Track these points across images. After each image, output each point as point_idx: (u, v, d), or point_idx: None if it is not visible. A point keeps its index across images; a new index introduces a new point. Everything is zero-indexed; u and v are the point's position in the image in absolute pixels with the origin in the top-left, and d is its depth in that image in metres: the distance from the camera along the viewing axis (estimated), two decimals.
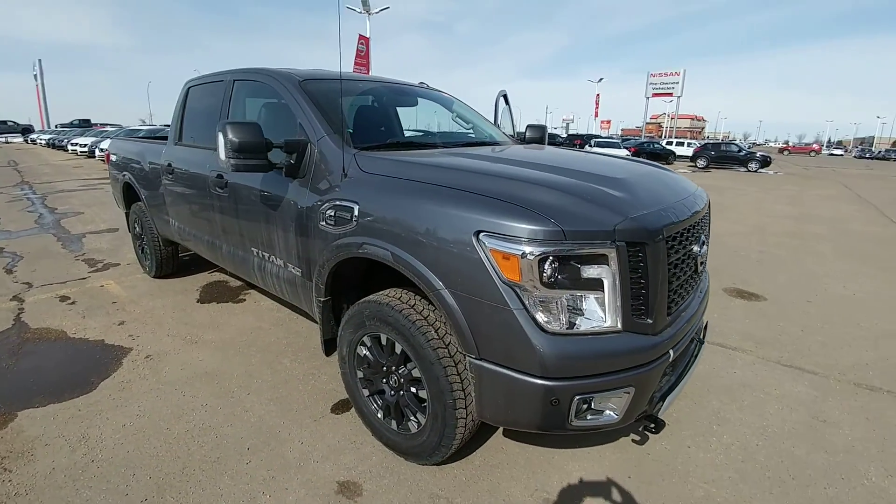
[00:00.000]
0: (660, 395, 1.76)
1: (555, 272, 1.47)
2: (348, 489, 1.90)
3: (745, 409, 2.50)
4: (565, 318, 1.51)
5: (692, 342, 2.06)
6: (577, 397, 1.52)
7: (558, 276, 1.48)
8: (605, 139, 28.91)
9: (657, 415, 1.77)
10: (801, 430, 2.34)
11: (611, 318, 1.55)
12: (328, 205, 2.00)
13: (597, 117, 48.54)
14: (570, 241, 1.46)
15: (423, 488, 1.90)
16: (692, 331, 1.98)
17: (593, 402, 1.59)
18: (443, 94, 3.32)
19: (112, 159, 4.54)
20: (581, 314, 1.53)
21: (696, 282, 2.06)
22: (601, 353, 1.53)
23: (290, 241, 2.29)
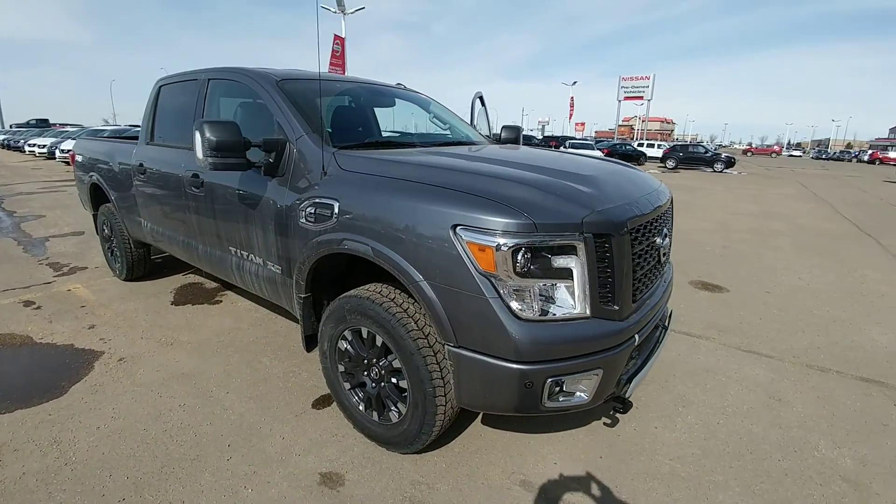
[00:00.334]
0: (627, 378, 1.87)
1: (527, 262, 1.55)
2: (331, 480, 1.94)
3: (707, 392, 2.67)
4: (538, 306, 1.60)
5: (657, 328, 2.18)
6: (549, 380, 1.62)
7: (531, 266, 1.56)
8: (580, 141, 29.51)
9: (625, 396, 1.89)
10: (758, 409, 2.51)
11: (580, 305, 1.64)
12: (308, 202, 2.04)
13: (571, 119, 49.58)
14: (541, 233, 1.55)
15: (405, 475, 1.96)
16: (657, 317, 2.11)
17: (565, 385, 1.68)
18: (420, 95, 3.38)
19: (78, 160, 4.41)
20: (552, 302, 1.63)
21: (659, 272, 2.19)
22: (571, 338, 1.63)
23: (270, 240, 2.31)
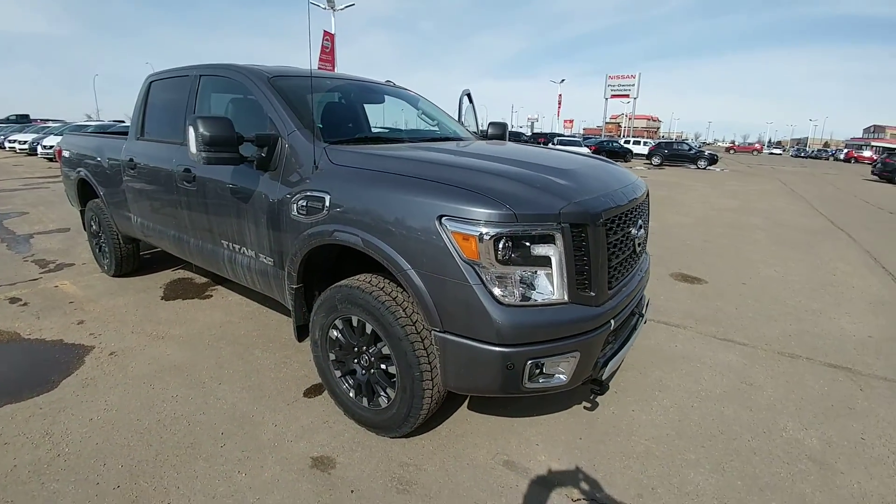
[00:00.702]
0: (603, 361, 1.98)
1: (508, 251, 1.65)
2: (322, 463, 2.02)
3: (683, 377, 2.80)
4: (518, 292, 1.70)
5: (633, 315, 2.30)
6: (529, 361, 1.72)
7: (512, 254, 1.66)
8: (568, 138, 29.84)
9: (601, 378, 2.00)
10: (730, 393, 2.64)
11: (558, 291, 1.75)
12: (300, 196, 2.11)
13: (559, 117, 49.97)
14: (521, 223, 1.65)
15: (394, 458, 2.05)
16: (632, 305, 2.22)
17: (545, 367, 1.78)
18: (408, 92, 3.46)
19: (65, 155, 4.39)
20: (532, 288, 1.73)
21: (635, 261, 2.30)
22: (550, 322, 1.73)
23: (262, 232, 2.37)
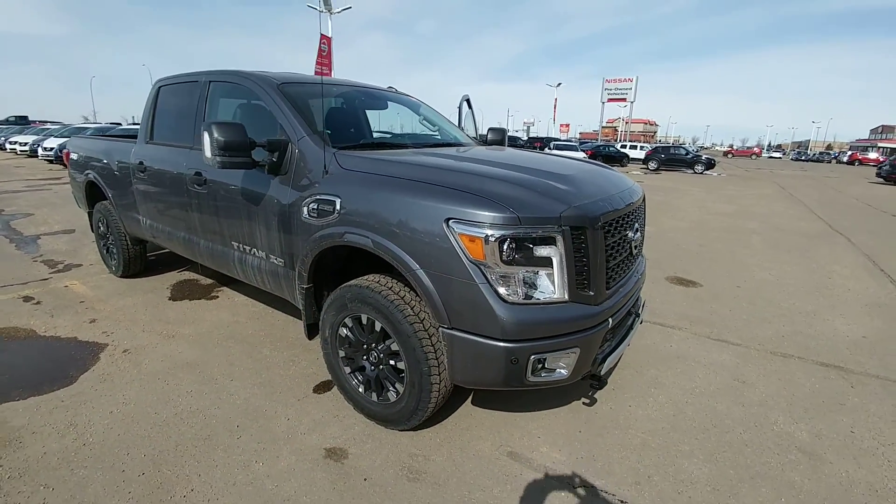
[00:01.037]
0: (602, 357, 2.08)
1: (512, 252, 1.75)
2: (335, 454, 2.11)
3: (678, 376, 2.90)
4: (522, 291, 1.80)
5: (630, 315, 2.40)
6: (532, 356, 1.82)
7: (515, 255, 1.76)
8: (564, 142, 29.97)
9: (600, 374, 2.10)
10: (723, 390, 2.75)
11: (559, 290, 1.85)
12: (311, 199, 2.21)
13: (556, 121, 50.32)
14: (524, 226, 1.75)
15: (403, 449, 2.14)
16: (629, 304, 2.32)
17: (546, 362, 1.88)
18: (410, 98, 3.56)
19: (73, 158, 4.48)
20: (535, 287, 1.83)
21: (631, 263, 2.41)
22: (552, 320, 1.83)
23: (273, 234, 2.46)
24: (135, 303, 3.81)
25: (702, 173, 24.13)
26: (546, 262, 1.82)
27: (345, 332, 2.26)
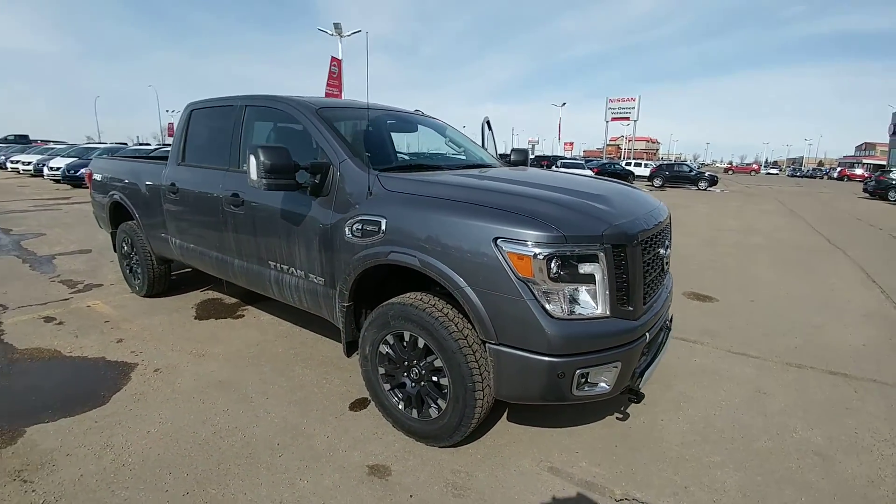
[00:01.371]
0: (639, 371, 2.13)
1: (558, 269, 1.82)
2: (378, 471, 2.13)
3: (704, 389, 2.96)
4: (567, 307, 1.86)
5: (661, 329, 2.46)
6: (577, 371, 1.87)
7: (561, 272, 1.83)
8: (570, 160, 30.32)
9: (638, 388, 2.15)
10: (747, 402, 2.83)
11: (601, 306, 1.91)
12: (355, 219, 2.28)
13: (560, 140, 51.09)
14: (569, 244, 1.82)
15: (445, 465, 2.17)
16: (661, 319, 2.39)
17: (589, 376, 1.94)
18: (436, 121, 3.67)
19: (96, 179, 4.55)
20: (578, 303, 1.89)
21: (662, 279, 2.48)
22: (595, 334, 1.89)
23: (313, 254, 2.52)
24: (161, 322, 3.83)
25: (705, 190, 24.40)
26: (589, 279, 1.88)
27: (385, 349, 2.31)
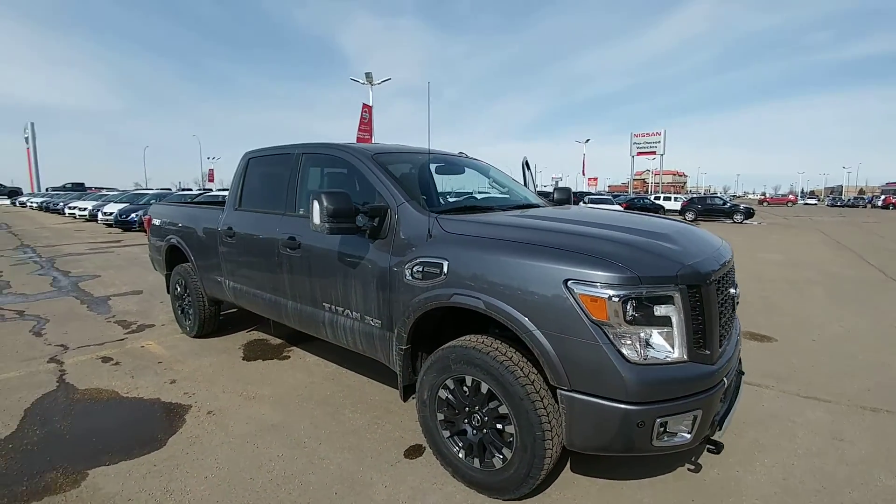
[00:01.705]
0: (718, 420, 2.00)
1: (634, 311, 1.75)
2: None
3: (778, 437, 2.77)
4: (643, 351, 1.78)
5: (736, 374, 2.32)
6: (657, 419, 1.76)
7: (637, 314, 1.76)
8: (598, 196, 30.27)
9: (716, 438, 2.01)
10: (825, 450, 2.62)
11: (678, 350, 1.82)
12: (415, 262, 2.29)
13: (584, 175, 51.36)
14: (644, 286, 1.76)
15: None
16: (735, 364, 2.26)
17: (669, 425, 1.82)
18: (480, 162, 3.74)
19: (155, 223, 4.79)
20: (655, 347, 1.81)
21: (733, 321, 2.36)
22: (675, 380, 1.79)
23: (370, 296, 2.54)
24: (211, 363, 3.89)
25: (741, 223, 23.70)
26: (665, 322, 1.81)
27: (445, 394, 2.25)
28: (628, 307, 1.74)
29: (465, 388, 2.17)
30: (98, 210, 18.43)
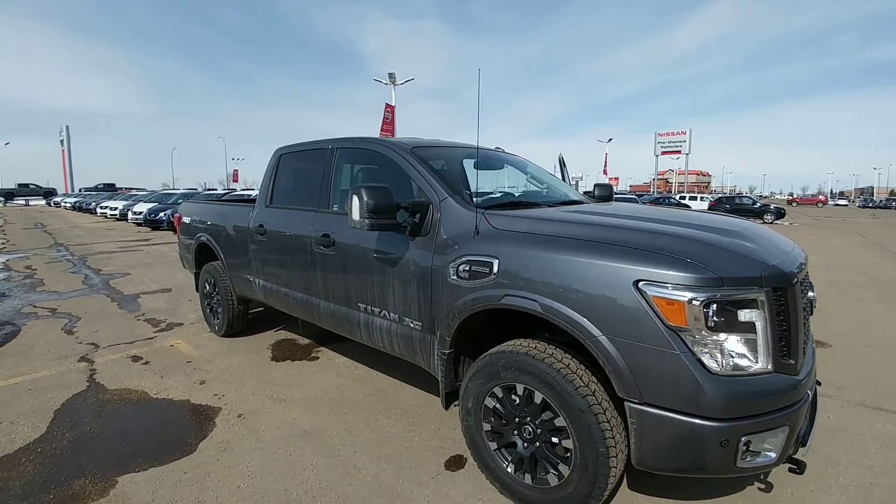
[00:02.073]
0: (802, 436, 1.79)
1: (716, 316, 1.56)
2: None
3: (850, 451, 2.54)
4: (726, 361, 1.58)
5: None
6: (743, 438, 1.57)
7: (719, 320, 1.57)
8: (623, 195, 29.78)
9: (800, 457, 1.80)
10: None
11: (763, 360, 1.62)
12: (460, 260, 2.13)
13: (607, 175, 50.55)
14: (727, 287, 1.57)
15: None
16: (815, 372, 2.03)
17: (753, 443, 1.62)
18: (517, 158, 3.57)
19: (185, 221, 4.76)
20: (739, 356, 1.61)
21: (810, 327, 2.13)
22: (761, 393, 1.60)
23: (410, 297, 2.39)
24: (240, 363, 3.81)
25: (772, 223, 22.90)
26: (749, 328, 1.61)
27: (493, 403, 2.09)
28: (710, 311, 1.55)
29: (516, 397, 2.01)
30: (128, 210, 18.89)
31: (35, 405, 3.11)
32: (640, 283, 1.61)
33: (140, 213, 16.81)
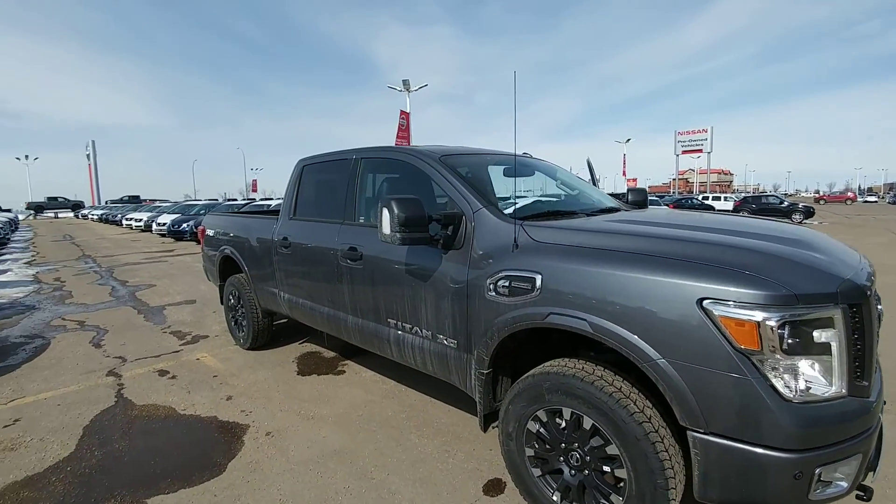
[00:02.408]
0: (870, 462, 1.63)
1: (791, 338, 1.42)
2: None
3: None
4: (801, 386, 1.44)
5: None
6: (818, 468, 1.43)
7: (794, 341, 1.43)
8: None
9: (868, 482, 1.65)
10: None
11: (837, 383, 1.48)
12: (499, 275, 2.02)
13: (626, 176, 49.94)
14: (802, 305, 1.43)
15: None
16: (882, 392, 1.87)
17: (824, 473, 1.48)
18: (546, 163, 3.45)
19: (209, 234, 4.76)
20: (814, 380, 1.46)
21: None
22: (836, 420, 1.46)
23: (444, 313, 2.29)
24: (266, 378, 3.76)
25: (800, 223, 22.22)
26: (824, 349, 1.46)
27: (536, 427, 1.97)
28: (785, 332, 1.41)
29: (562, 422, 1.88)
30: (152, 221, 19.31)
31: (64, 421, 3.10)
32: (706, 302, 1.48)
33: (164, 224, 17.17)
